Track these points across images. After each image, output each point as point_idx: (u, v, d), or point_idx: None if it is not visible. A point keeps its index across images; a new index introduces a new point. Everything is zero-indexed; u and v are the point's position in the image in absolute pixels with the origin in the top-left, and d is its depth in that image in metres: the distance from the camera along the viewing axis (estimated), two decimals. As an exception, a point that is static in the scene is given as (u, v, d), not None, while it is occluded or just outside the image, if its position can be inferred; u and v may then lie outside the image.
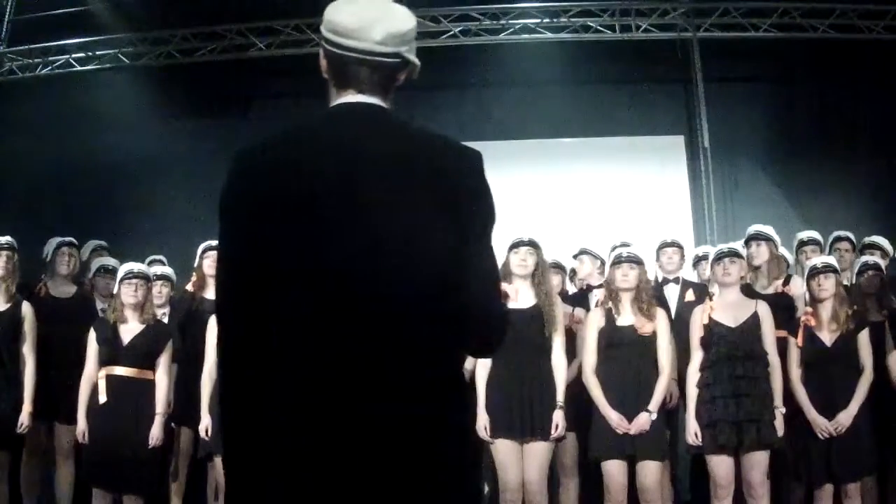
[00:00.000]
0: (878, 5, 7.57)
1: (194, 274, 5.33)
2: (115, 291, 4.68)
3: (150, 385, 4.52)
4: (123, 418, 4.41)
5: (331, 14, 1.72)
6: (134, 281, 4.58)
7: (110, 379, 4.46)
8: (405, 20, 1.67)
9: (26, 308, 4.73)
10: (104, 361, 4.48)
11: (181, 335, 5.00)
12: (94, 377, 4.49)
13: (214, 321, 4.89)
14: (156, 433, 4.46)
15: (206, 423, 4.49)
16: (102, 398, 4.42)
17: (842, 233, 5.54)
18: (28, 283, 5.15)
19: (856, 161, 7.82)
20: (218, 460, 4.49)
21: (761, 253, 4.91)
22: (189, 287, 5.30)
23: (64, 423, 4.74)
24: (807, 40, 7.73)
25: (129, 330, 4.55)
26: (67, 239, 5.27)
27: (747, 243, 4.96)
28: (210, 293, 5.22)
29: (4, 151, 8.00)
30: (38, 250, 5.38)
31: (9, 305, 4.69)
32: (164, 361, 4.59)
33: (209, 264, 5.22)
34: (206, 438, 4.49)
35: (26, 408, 4.58)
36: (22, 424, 4.56)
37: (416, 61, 1.70)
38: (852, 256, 5.38)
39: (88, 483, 4.52)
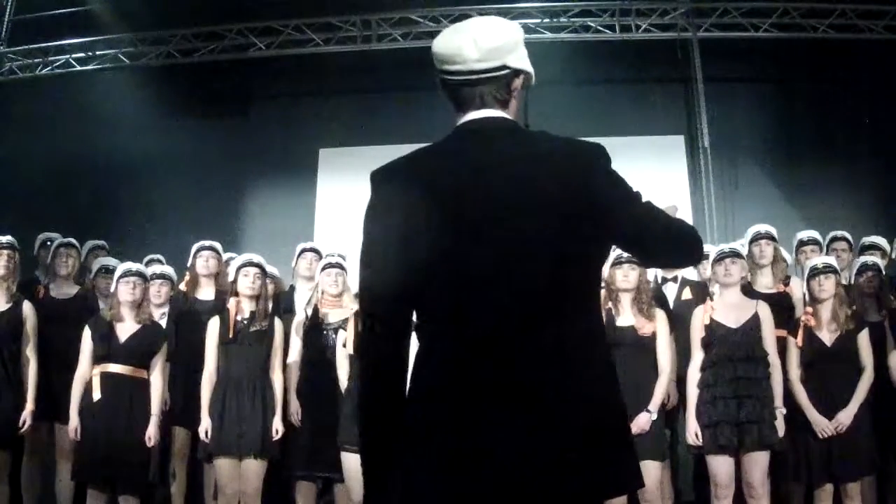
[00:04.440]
0: (878, 5, 7.57)
1: (187, 273, 5.33)
2: (112, 290, 4.68)
3: (145, 384, 4.53)
4: (117, 416, 4.41)
5: (434, 46, 1.77)
6: (131, 279, 4.59)
7: (104, 376, 4.46)
8: (500, 32, 1.73)
9: (27, 308, 4.73)
10: (99, 359, 4.48)
11: (174, 335, 5.00)
12: (87, 374, 4.50)
13: (212, 323, 4.84)
14: (152, 433, 4.46)
15: (205, 424, 4.48)
16: (97, 395, 4.42)
17: (839, 233, 5.54)
18: (29, 283, 5.15)
19: (856, 161, 7.82)
20: (217, 461, 4.49)
21: (767, 252, 4.91)
22: (182, 286, 5.30)
23: (65, 423, 4.72)
24: (807, 40, 7.73)
25: (126, 329, 4.55)
26: (67, 239, 5.26)
27: (753, 242, 4.95)
28: (201, 293, 5.23)
29: (4, 151, 8.00)
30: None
31: (9, 305, 4.69)
32: (158, 362, 4.60)
33: (202, 264, 5.22)
34: (206, 440, 4.49)
35: (28, 407, 4.58)
36: (24, 424, 4.57)
37: (527, 68, 1.76)
38: (849, 256, 5.38)
39: (82, 482, 4.51)
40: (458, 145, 1.74)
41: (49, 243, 5.42)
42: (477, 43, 1.70)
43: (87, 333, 4.55)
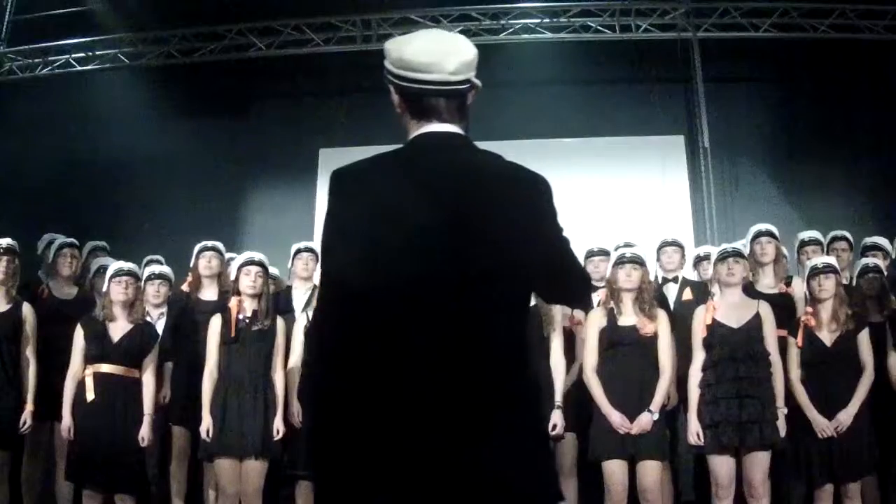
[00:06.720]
0: (878, 5, 7.57)
1: (189, 274, 5.32)
2: (104, 289, 4.67)
3: (137, 384, 4.53)
4: (111, 416, 4.41)
5: (398, 52, 1.80)
6: (123, 279, 4.58)
7: (97, 376, 4.45)
8: (469, 48, 1.83)
9: (27, 309, 4.73)
10: (92, 358, 4.48)
11: (174, 335, 4.99)
12: (79, 373, 4.50)
13: (213, 321, 4.82)
14: (145, 434, 4.46)
15: (206, 423, 4.47)
16: (90, 395, 4.42)
17: (839, 232, 5.53)
18: (29, 284, 5.14)
19: (856, 161, 7.83)
20: (218, 461, 4.48)
21: (769, 250, 4.91)
22: (185, 287, 5.29)
23: (64, 423, 4.74)
24: (807, 40, 7.73)
25: (118, 328, 4.55)
26: (69, 240, 5.25)
27: (754, 240, 4.95)
28: (204, 293, 5.22)
29: (4, 151, 8.00)
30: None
31: (9, 307, 4.69)
32: (150, 362, 4.60)
33: (204, 264, 5.22)
34: (207, 439, 4.48)
35: (28, 408, 4.58)
36: (24, 424, 4.56)
37: (479, 83, 1.86)
38: (850, 256, 5.38)
39: (75, 483, 4.50)
40: (417, 157, 1.81)
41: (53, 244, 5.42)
42: (456, 55, 1.79)
43: (78, 333, 4.55)
